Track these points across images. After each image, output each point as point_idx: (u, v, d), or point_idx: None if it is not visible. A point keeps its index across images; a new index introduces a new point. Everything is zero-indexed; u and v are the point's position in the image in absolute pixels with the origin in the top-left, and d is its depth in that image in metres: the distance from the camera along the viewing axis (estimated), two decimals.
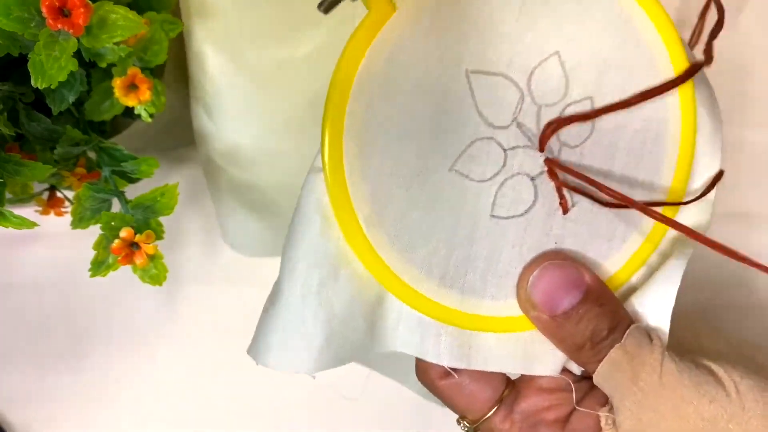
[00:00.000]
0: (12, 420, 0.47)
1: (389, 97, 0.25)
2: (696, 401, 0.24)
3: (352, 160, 0.25)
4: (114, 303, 0.47)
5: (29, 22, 0.27)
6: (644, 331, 0.26)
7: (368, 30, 0.25)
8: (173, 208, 0.32)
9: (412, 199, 0.26)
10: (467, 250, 0.27)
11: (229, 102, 0.34)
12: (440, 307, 0.27)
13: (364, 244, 0.26)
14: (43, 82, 0.27)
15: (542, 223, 0.27)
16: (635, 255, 0.28)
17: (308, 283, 0.26)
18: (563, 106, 0.27)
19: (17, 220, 0.30)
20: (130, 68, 0.30)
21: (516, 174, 0.27)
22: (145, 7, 0.31)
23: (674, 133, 0.28)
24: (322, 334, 0.26)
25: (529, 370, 0.28)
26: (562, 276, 0.26)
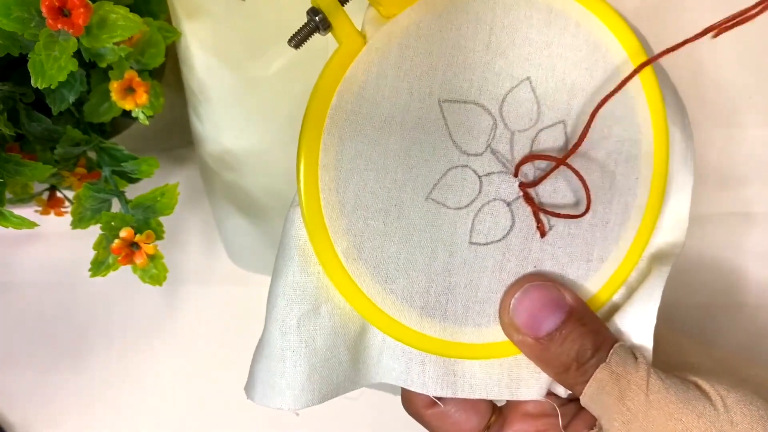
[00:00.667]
0: (12, 420, 0.47)
1: (361, 132, 0.25)
2: (684, 418, 0.24)
3: (328, 195, 0.25)
4: (114, 303, 0.47)
5: (29, 22, 0.27)
6: (629, 349, 0.26)
7: (339, 63, 0.25)
8: (173, 208, 0.32)
9: (389, 231, 0.26)
10: (447, 279, 0.26)
11: (216, 106, 0.34)
12: (423, 336, 0.26)
13: (343, 278, 0.26)
14: (43, 82, 0.27)
15: (521, 247, 0.27)
16: (615, 275, 0.28)
17: (287, 320, 0.26)
18: (536, 131, 0.27)
19: (17, 220, 0.30)
20: (127, 71, 0.30)
21: (492, 200, 0.27)
22: (144, 11, 0.31)
23: (646, 154, 0.28)
24: (302, 372, 0.26)
25: (514, 395, 0.28)
26: (544, 297, 0.26)
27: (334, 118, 0.25)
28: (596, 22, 0.27)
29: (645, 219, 0.28)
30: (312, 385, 0.26)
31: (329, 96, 0.25)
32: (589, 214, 0.27)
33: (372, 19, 0.25)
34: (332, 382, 0.26)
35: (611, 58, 0.27)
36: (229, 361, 0.46)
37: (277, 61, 0.33)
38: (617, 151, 0.27)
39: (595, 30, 0.27)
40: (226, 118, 0.35)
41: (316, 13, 0.24)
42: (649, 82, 0.27)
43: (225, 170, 0.37)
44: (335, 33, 0.25)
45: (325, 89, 0.25)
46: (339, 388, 0.27)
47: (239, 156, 0.36)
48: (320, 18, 0.24)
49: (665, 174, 0.28)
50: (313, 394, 0.26)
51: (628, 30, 0.27)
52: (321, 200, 0.25)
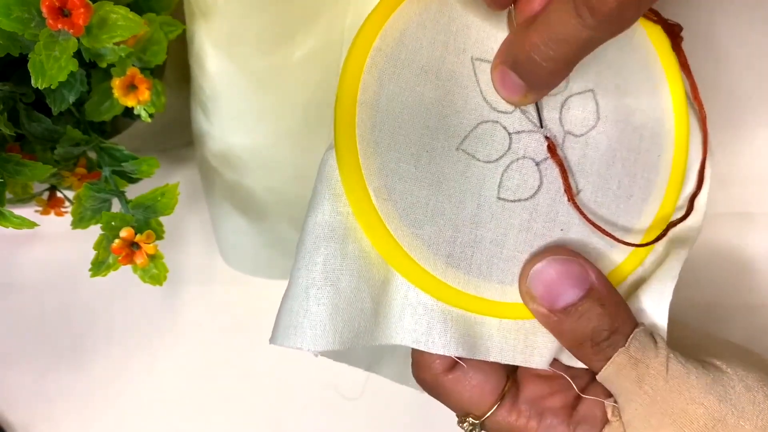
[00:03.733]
0: (12, 420, 0.47)
1: (399, 76, 0.26)
2: (706, 402, 0.24)
3: (363, 132, 0.25)
4: (114, 303, 0.47)
5: (29, 22, 0.27)
6: (649, 334, 0.26)
7: (383, 11, 0.26)
8: (173, 208, 0.32)
9: (420, 176, 0.26)
10: (473, 231, 0.27)
11: (225, 104, 0.34)
12: (446, 287, 0.26)
13: (373, 217, 0.25)
14: (44, 83, 0.27)
15: (548, 208, 0.27)
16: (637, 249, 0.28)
17: (314, 257, 0.25)
18: (565, 96, 0.27)
19: (17, 220, 0.30)
20: (129, 68, 0.30)
21: (521, 157, 0.27)
22: (145, 8, 0.31)
23: (668, 133, 0.29)
24: (325, 311, 0.25)
25: (527, 362, 0.27)
26: (566, 271, 0.26)
27: (375, 59, 0.26)
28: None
29: (666, 198, 0.29)
30: (334, 326, 0.25)
31: (372, 38, 0.26)
32: (615, 184, 0.28)
33: None
34: (354, 328, 0.25)
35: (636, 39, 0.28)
36: (229, 361, 0.46)
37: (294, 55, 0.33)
38: (643, 126, 0.28)
39: None
40: (237, 117, 0.35)
41: None
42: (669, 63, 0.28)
43: (227, 169, 0.37)
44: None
45: (369, 32, 0.26)
46: (359, 336, 0.26)
47: (244, 155, 0.36)
48: None
49: (685, 155, 0.29)
50: (334, 335, 0.25)
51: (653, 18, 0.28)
52: (356, 137, 0.25)
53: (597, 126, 0.28)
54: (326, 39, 0.33)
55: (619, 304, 0.27)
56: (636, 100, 0.28)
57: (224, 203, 0.40)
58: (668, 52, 0.28)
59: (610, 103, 0.28)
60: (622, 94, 0.28)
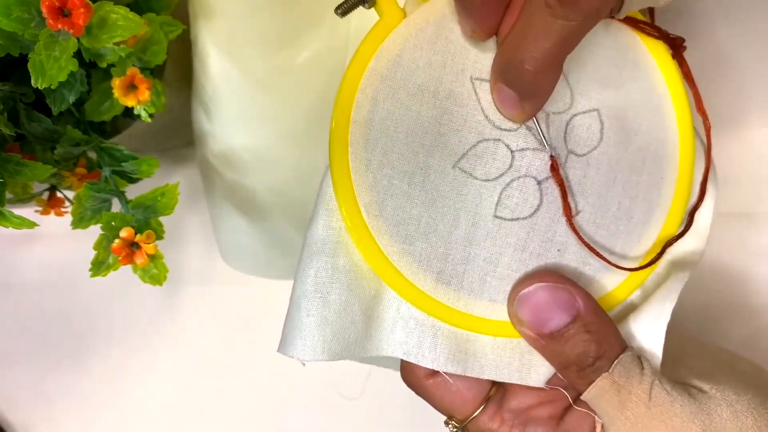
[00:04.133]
0: (12, 420, 0.47)
1: (393, 95, 0.26)
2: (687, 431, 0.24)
3: (356, 149, 0.26)
4: (114, 303, 0.47)
5: (29, 23, 0.27)
6: (636, 359, 0.26)
7: (379, 33, 0.26)
8: (173, 207, 0.32)
9: (413, 193, 0.26)
10: (467, 249, 0.27)
11: (228, 104, 0.34)
12: (436, 303, 0.27)
13: (363, 232, 0.26)
14: (44, 83, 0.27)
15: (546, 228, 0.27)
16: (635, 274, 0.28)
17: (306, 270, 0.26)
18: (570, 115, 0.27)
19: (17, 220, 0.30)
20: (129, 68, 0.30)
21: (523, 176, 0.27)
22: (145, 8, 0.31)
23: (672, 155, 0.28)
24: (314, 322, 0.26)
25: (524, 380, 0.28)
26: (552, 297, 0.26)
27: (369, 79, 0.26)
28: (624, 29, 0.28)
29: (668, 220, 0.28)
30: (323, 337, 0.26)
31: (367, 59, 0.26)
32: (615, 206, 0.28)
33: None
34: (344, 341, 0.26)
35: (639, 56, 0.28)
36: (228, 361, 0.46)
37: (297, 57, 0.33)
38: (646, 148, 0.28)
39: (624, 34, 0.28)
40: (239, 118, 0.35)
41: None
42: (675, 85, 0.28)
43: (228, 169, 0.37)
44: (378, 7, 0.26)
45: (364, 53, 0.26)
46: (350, 349, 0.26)
47: (245, 155, 0.36)
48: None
49: (690, 177, 0.28)
50: (323, 346, 0.26)
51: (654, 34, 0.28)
52: (349, 154, 0.26)
53: (599, 146, 0.27)
54: (330, 42, 0.33)
55: (606, 329, 0.27)
56: (639, 120, 0.28)
57: (224, 203, 0.40)
58: (671, 68, 0.28)
59: (614, 124, 0.27)
60: (626, 114, 0.28)
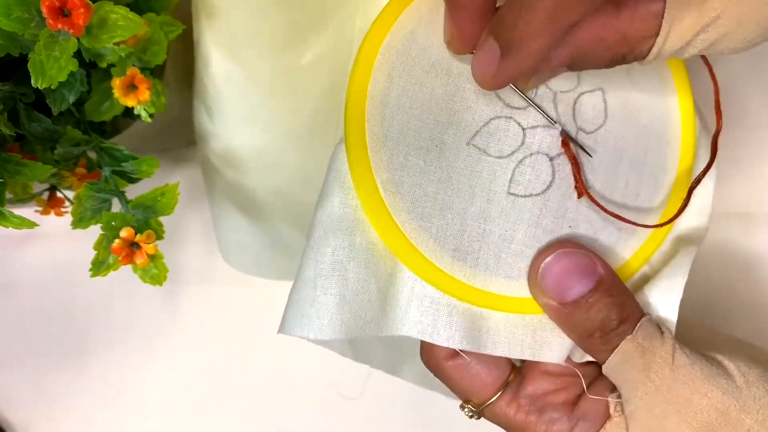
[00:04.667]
0: (12, 420, 0.47)
1: (409, 71, 0.26)
2: (710, 393, 0.25)
3: (373, 126, 0.26)
4: (114, 303, 0.47)
5: (29, 23, 0.27)
6: (655, 323, 0.26)
7: (393, 10, 0.26)
8: (173, 208, 0.32)
9: (429, 170, 0.26)
10: (482, 225, 0.27)
11: (230, 105, 0.34)
12: (452, 280, 0.26)
13: (380, 209, 0.26)
14: (44, 83, 0.27)
15: (558, 204, 0.27)
16: (647, 242, 0.28)
17: (322, 248, 0.26)
18: (577, 93, 0.27)
19: (17, 220, 0.30)
20: (129, 68, 0.30)
21: (535, 152, 0.27)
22: (145, 8, 0.31)
23: (675, 134, 0.29)
24: (332, 300, 0.25)
25: (536, 356, 0.28)
26: (574, 264, 0.26)
27: (385, 55, 0.26)
28: None
29: (672, 196, 0.29)
30: (341, 316, 0.25)
31: (382, 36, 0.26)
32: (623, 183, 0.28)
33: None
34: (360, 318, 0.26)
35: None
36: (228, 361, 0.46)
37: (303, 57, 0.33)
38: (650, 126, 0.28)
39: None
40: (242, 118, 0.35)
41: None
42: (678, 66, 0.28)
43: (230, 169, 0.37)
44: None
45: (379, 29, 0.26)
46: (366, 327, 0.26)
47: (248, 156, 0.36)
48: None
49: (692, 155, 0.29)
50: (341, 325, 0.25)
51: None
52: (366, 131, 0.26)
53: (605, 124, 0.28)
54: (335, 43, 0.33)
55: (626, 294, 0.27)
56: (644, 99, 0.28)
57: (226, 203, 0.40)
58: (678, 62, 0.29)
59: (618, 102, 0.28)
60: (630, 93, 0.28)
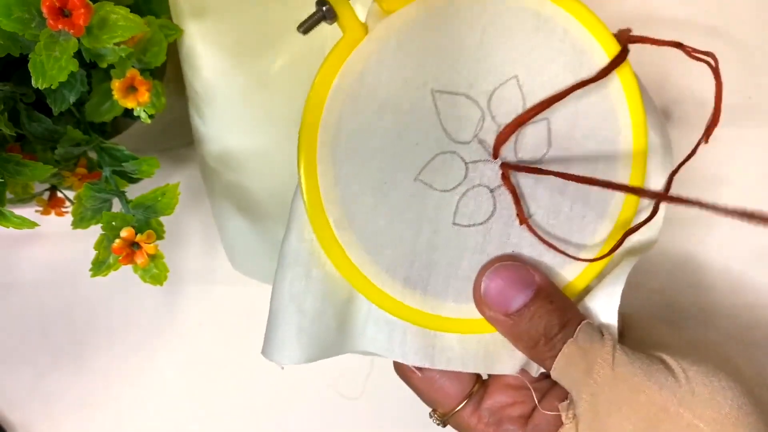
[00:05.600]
0: (12, 420, 0.47)
1: (358, 113, 0.27)
2: (647, 389, 0.25)
3: (325, 169, 0.27)
4: (114, 303, 0.47)
5: (30, 23, 0.27)
6: (595, 326, 0.28)
7: (342, 51, 0.27)
8: (174, 207, 0.32)
9: (379, 206, 0.27)
10: (430, 255, 0.28)
11: (218, 105, 0.34)
12: (404, 306, 0.28)
13: (334, 245, 0.27)
14: (44, 83, 0.27)
15: (500, 232, 0.29)
16: (590, 266, 0.29)
17: (282, 282, 0.28)
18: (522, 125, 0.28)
19: (18, 220, 0.30)
20: (128, 70, 0.30)
21: (477, 185, 0.28)
22: (145, 10, 0.31)
23: (626, 155, 0.29)
24: (291, 330, 0.28)
25: (490, 369, 0.29)
26: (513, 276, 0.28)
27: (334, 99, 0.27)
28: (582, 30, 0.28)
29: (621, 215, 0.29)
30: (300, 344, 0.28)
31: (331, 78, 0.27)
32: (567, 207, 0.29)
33: (374, 12, 0.27)
34: (319, 345, 0.28)
35: (595, 63, 0.28)
36: (229, 361, 0.46)
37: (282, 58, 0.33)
38: (598, 150, 0.29)
39: (581, 37, 0.28)
40: (231, 119, 0.35)
41: (324, 3, 0.26)
42: (630, 87, 0.29)
43: (226, 171, 0.37)
44: (340, 23, 0.27)
45: (328, 72, 0.27)
46: (326, 351, 0.28)
47: (241, 156, 0.36)
48: (327, 8, 0.26)
49: (642, 176, 0.29)
50: (299, 352, 0.28)
51: (612, 39, 0.28)
52: (318, 173, 0.27)
53: (548, 153, 0.28)
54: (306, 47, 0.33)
55: (566, 301, 0.28)
56: (591, 124, 0.28)
57: (225, 203, 0.40)
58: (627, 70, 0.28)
59: (563, 130, 0.28)
60: (576, 120, 0.28)
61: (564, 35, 0.28)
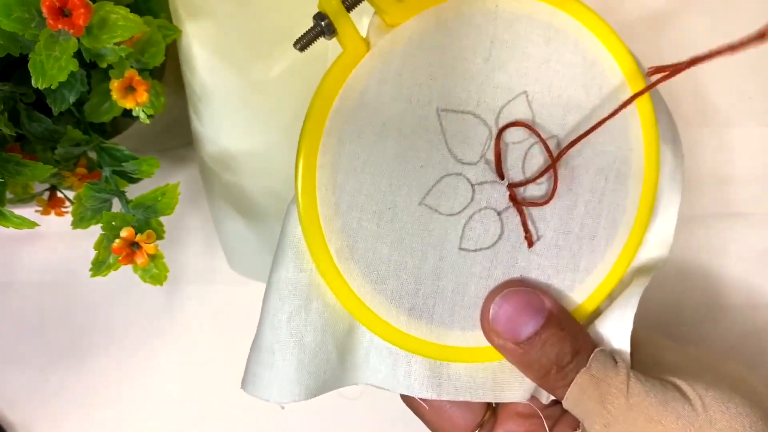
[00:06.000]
0: (12, 420, 0.47)
1: (359, 135, 0.25)
2: (664, 419, 0.25)
3: (324, 194, 0.25)
4: (114, 303, 0.47)
5: (30, 23, 0.27)
6: (609, 354, 0.26)
7: (342, 68, 0.25)
8: (174, 207, 0.32)
9: (382, 233, 0.26)
10: (435, 282, 0.27)
11: (216, 106, 0.34)
12: (409, 337, 0.27)
13: (335, 276, 0.26)
14: (44, 83, 0.27)
15: (508, 256, 0.27)
16: (600, 287, 0.29)
17: (278, 315, 0.26)
18: (530, 144, 0.27)
19: (18, 220, 0.30)
20: (127, 70, 0.30)
21: (484, 208, 0.27)
22: (144, 10, 0.31)
23: (637, 172, 0.28)
24: (290, 366, 0.26)
25: (498, 398, 0.28)
26: (523, 302, 0.26)
27: (334, 120, 0.25)
28: (594, 41, 0.27)
29: (632, 235, 0.29)
30: (299, 380, 0.26)
31: (331, 99, 0.25)
32: (577, 227, 0.28)
33: (376, 27, 0.25)
34: (319, 379, 0.26)
35: (607, 77, 0.27)
36: (229, 361, 0.46)
37: (281, 64, 0.33)
38: (609, 168, 0.28)
39: (593, 48, 0.27)
40: (228, 120, 0.35)
41: (323, 18, 0.24)
42: (643, 103, 0.28)
43: (224, 171, 0.37)
44: (340, 38, 0.25)
45: (327, 92, 0.25)
46: (326, 385, 0.27)
47: (239, 157, 0.36)
48: (326, 23, 0.24)
49: (654, 193, 0.28)
50: (300, 388, 0.26)
51: (625, 49, 0.27)
52: (317, 199, 0.25)
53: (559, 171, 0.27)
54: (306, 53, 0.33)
55: (577, 327, 0.27)
56: (602, 140, 0.27)
57: (224, 204, 0.40)
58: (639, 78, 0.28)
59: (574, 149, 0.27)
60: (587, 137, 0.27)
61: (575, 47, 0.27)
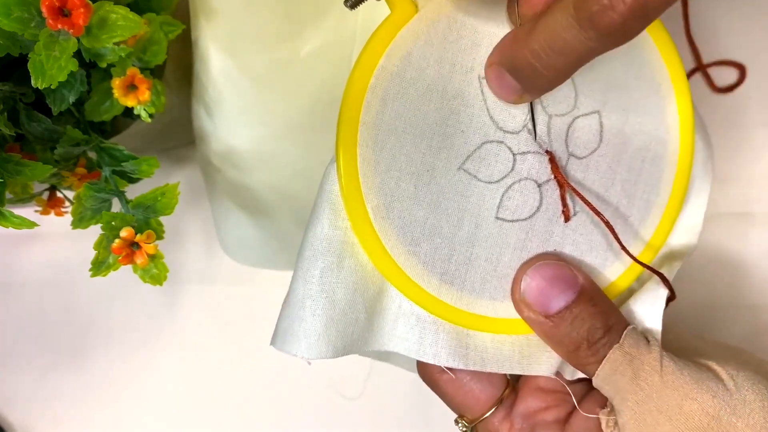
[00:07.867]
0: (12, 420, 0.47)
1: (403, 95, 0.26)
2: (699, 397, 0.24)
3: (365, 151, 0.25)
4: (114, 303, 0.47)
5: (29, 22, 0.27)
6: (640, 332, 0.26)
7: (389, 29, 0.25)
8: (174, 207, 0.32)
9: (419, 195, 0.26)
10: (469, 249, 0.27)
11: (229, 103, 0.34)
12: (439, 302, 0.27)
13: (370, 235, 0.26)
14: (44, 82, 0.27)
15: (544, 229, 0.27)
16: (632, 266, 0.29)
17: (311, 270, 0.26)
18: (573, 117, 0.27)
19: (17, 220, 0.30)
20: (129, 68, 0.30)
21: (524, 178, 0.27)
22: (145, 8, 0.31)
23: (672, 155, 0.28)
24: (320, 321, 0.26)
25: (525, 370, 0.28)
26: (556, 275, 0.26)
27: (379, 78, 0.25)
28: None
29: (664, 218, 0.29)
30: (328, 337, 0.26)
31: (377, 57, 0.25)
32: (613, 206, 0.28)
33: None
34: (347, 338, 0.26)
35: (646, 56, 0.28)
36: (229, 361, 0.46)
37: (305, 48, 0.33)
38: (646, 148, 0.28)
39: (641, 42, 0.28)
40: (241, 118, 0.35)
41: None
42: (681, 87, 0.28)
43: (230, 168, 0.37)
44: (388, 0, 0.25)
45: (374, 50, 0.25)
46: (353, 345, 0.26)
47: (248, 154, 0.36)
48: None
49: (688, 177, 0.29)
50: (327, 345, 0.26)
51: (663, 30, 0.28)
52: (357, 156, 0.25)
53: (599, 149, 0.28)
54: (335, 36, 0.33)
55: (609, 304, 0.27)
56: (641, 120, 0.28)
57: (227, 201, 0.40)
58: (677, 62, 0.28)
59: (614, 125, 0.27)
60: (627, 115, 0.28)
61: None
